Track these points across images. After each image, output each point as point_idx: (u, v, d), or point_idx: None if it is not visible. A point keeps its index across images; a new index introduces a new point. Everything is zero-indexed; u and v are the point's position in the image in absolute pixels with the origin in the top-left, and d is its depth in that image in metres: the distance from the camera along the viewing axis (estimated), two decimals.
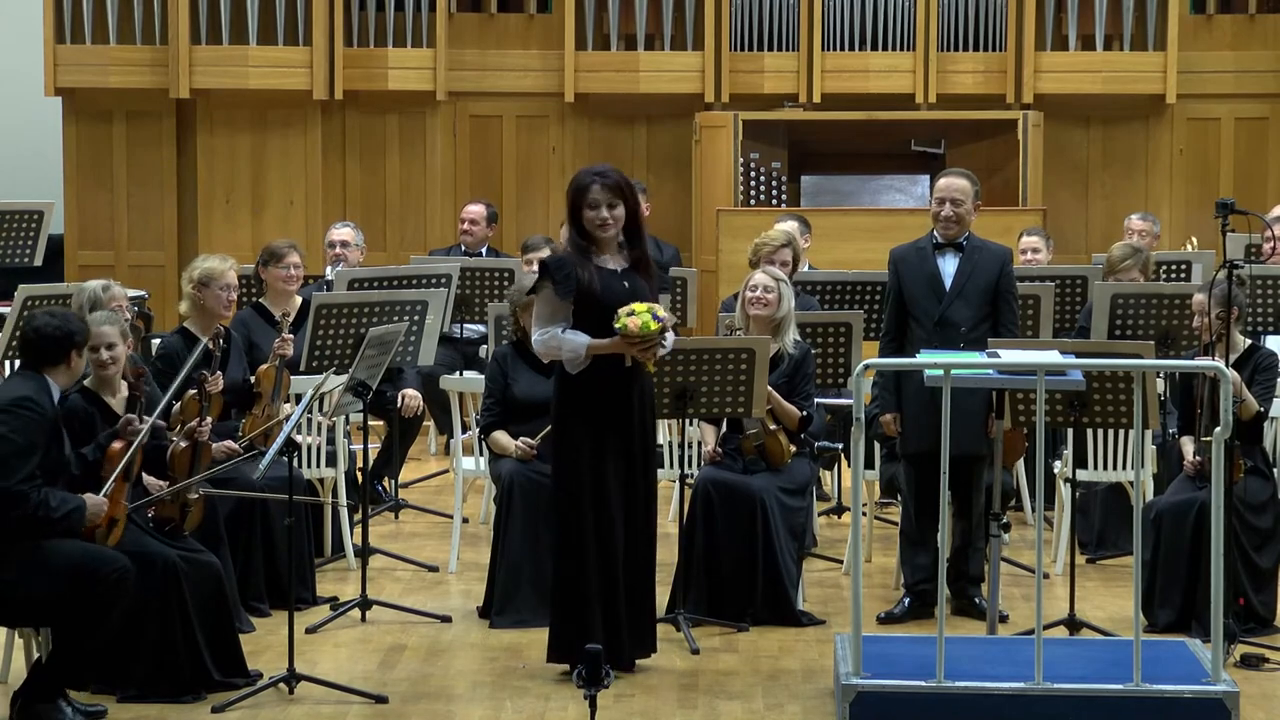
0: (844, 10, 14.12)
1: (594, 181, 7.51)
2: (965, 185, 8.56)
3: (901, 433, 8.54)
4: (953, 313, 8.46)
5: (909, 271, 8.56)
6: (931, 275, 8.51)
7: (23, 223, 11.83)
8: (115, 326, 7.56)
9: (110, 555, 6.92)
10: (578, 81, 14.25)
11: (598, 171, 7.58)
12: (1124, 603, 8.47)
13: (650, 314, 7.39)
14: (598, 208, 7.50)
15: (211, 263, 9.00)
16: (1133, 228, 12.38)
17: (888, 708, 6.91)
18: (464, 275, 11.21)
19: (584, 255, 7.53)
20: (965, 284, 8.48)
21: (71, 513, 6.88)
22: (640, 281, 7.58)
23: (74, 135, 14.28)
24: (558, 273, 7.51)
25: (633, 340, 7.41)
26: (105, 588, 6.84)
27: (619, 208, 7.53)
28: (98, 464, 7.13)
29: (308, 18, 13.92)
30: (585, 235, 7.55)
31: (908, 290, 8.54)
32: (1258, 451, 8.53)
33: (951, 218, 8.51)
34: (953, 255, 8.53)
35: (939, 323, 8.45)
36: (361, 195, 14.43)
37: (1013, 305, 8.58)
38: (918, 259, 8.57)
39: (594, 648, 6.10)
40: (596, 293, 7.46)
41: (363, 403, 8.51)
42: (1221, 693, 6.89)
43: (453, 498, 9.71)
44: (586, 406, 7.53)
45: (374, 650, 8.06)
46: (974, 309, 8.47)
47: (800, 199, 14.04)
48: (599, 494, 7.52)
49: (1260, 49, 14.42)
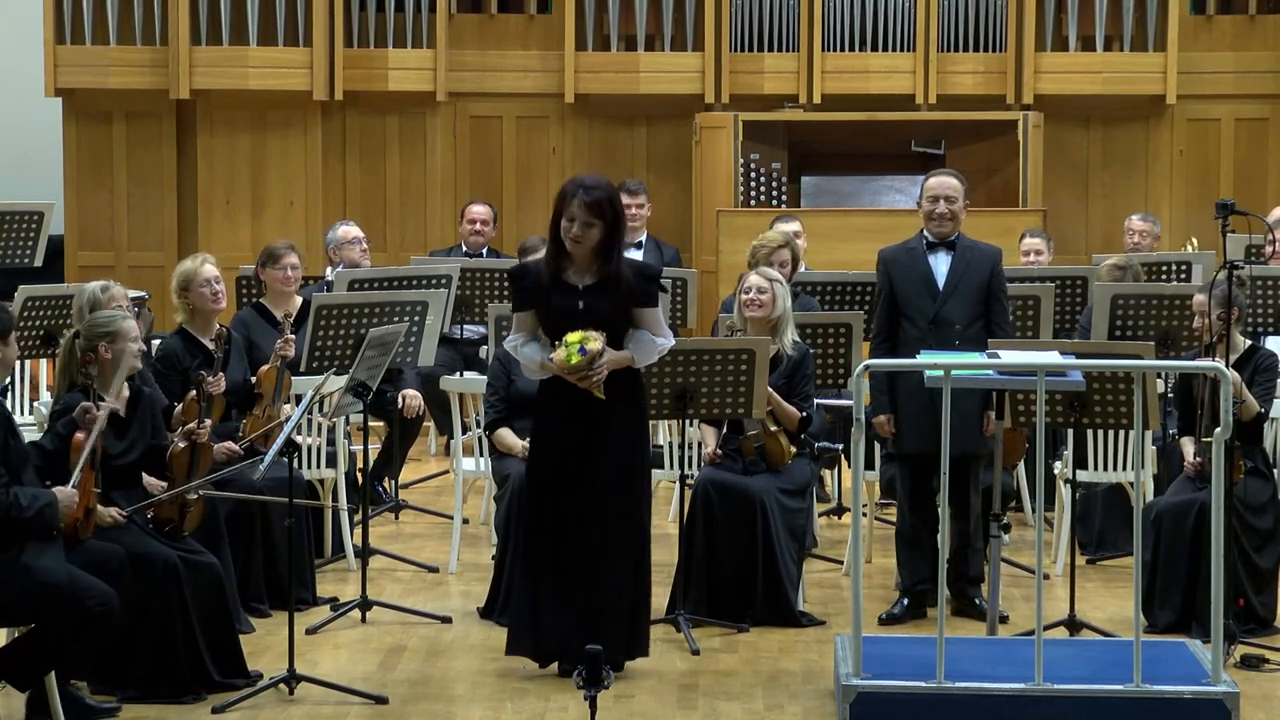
0: (844, 11, 14.12)
1: (577, 193, 7.46)
2: (957, 184, 8.63)
3: (896, 434, 8.55)
4: (948, 311, 8.49)
5: (900, 272, 8.58)
6: (924, 274, 8.53)
7: (23, 223, 11.82)
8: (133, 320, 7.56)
9: (100, 588, 6.76)
10: (578, 82, 14.25)
11: (586, 185, 7.49)
12: (1124, 603, 8.47)
13: (579, 345, 7.36)
14: (572, 220, 7.46)
15: (185, 265, 9.00)
16: (1133, 228, 12.38)
17: (888, 708, 6.91)
18: (464, 276, 11.21)
19: (554, 263, 7.52)
20: (959, 282, 8.51)
21: (44, 509, 6.73)
22: (602, 301, 7.48)
23: (74, 136, 14.28)
24: (515, 284, 7.64)
25: (564, 370, 7.42)
26: (88, 618, 6.70)
27: (595, 228, 7.43)
28: (59, 454, 7.06)
29: (308, 18, 13.92)
30: (561, 247, 7.53)
31: (900, 290, 8.56)
32: (1258, 452, 8.53)
33: (946, 215, 8.55)
34: (945, 254, 8.56)
35: (934, 321, 8.47)
36: (361, 196, 14.43)
37: (1004, 304, 8.63)
38: (909, 259, 8.59)
39: (594, 648, 6.10)
40: (550, 309, 7.49)
41: (363, 403, 8.51)
42: (1222, 693, 6.89)
43: (453, 498, 9.71)
44: (543, 409, 7.63)
45: (374, 651, 8.06)
46: (968, 307, 8.50)
47: (800, 200, 14.04)
48: (544, 490, 7.57)
49: (1260, 49, 14.42)
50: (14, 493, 6.69)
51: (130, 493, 7.53)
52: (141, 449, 7.54)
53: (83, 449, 7.01)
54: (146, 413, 7.63)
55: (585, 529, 7.53)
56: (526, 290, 7.56)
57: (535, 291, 7.52)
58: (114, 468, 7.41)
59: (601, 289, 7.49)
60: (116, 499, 7.44)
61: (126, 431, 7.53)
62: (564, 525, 7.53)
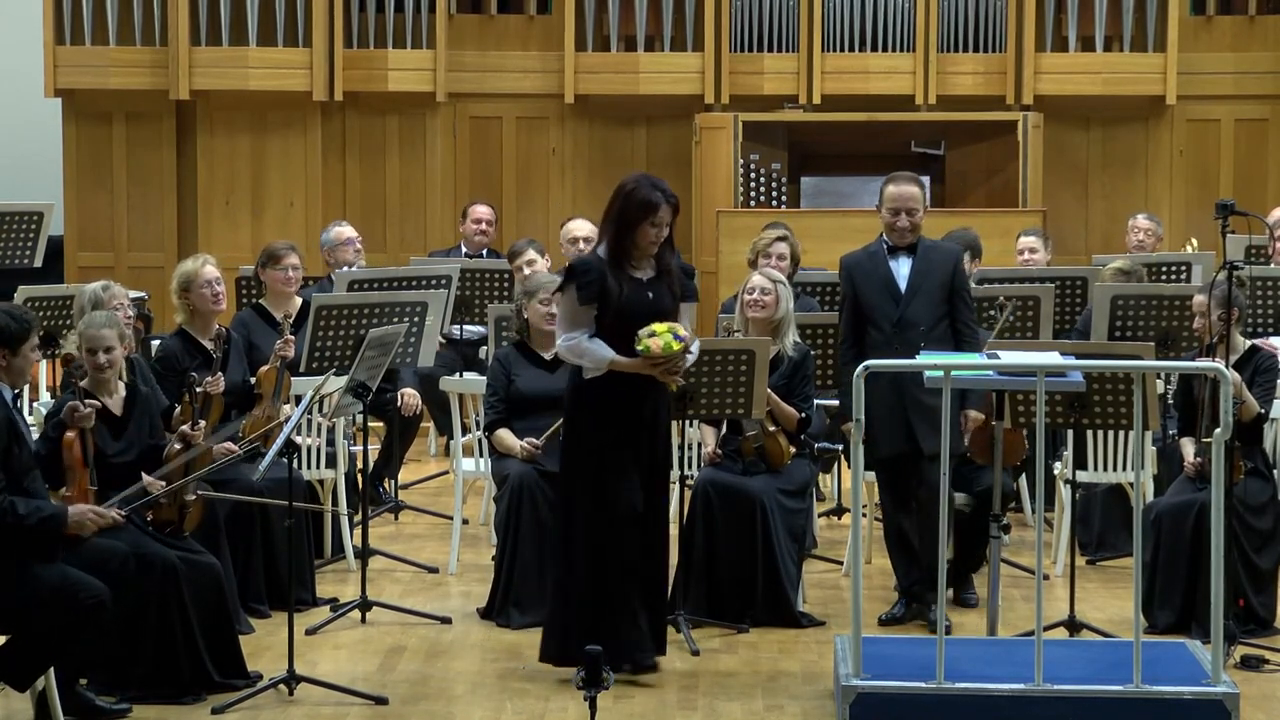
0: (844, 11, 14.12)
1: (663, 202, 7.47)
2: (918, 193, 8.48)
3: (868, 439, 8.21)
4: (911, 313, 8.39)
5: (862, 277, 8.48)
6: (886, 278, 8.43)
7: (23, 224, 11.82)
8: (113, 329, 7.55)
9: (90, 582, 6.77)
10: (578, 83, 14.25)
11: (664, 190, 7.51)
12: (1124, 604, 8.47)
13: (671, 334, 7.37)
14: (659, 226, 7.50)
15: (186, 266, 9.00)
16: (1138, 226, 12.38)
17: (888, 709, 6.91)
18: (464, 276, 11.20)
19: (617, 261, 7.50)
20: (921, 284, 8.41)
21: (47, 519, 6.74)
22: (664, 290, 7.57)
23: (74, 136, 14.28)
24: (582, 277, 7.49)
25: (655, 361, 7.41)
26: (81, 612, 6.71)
27: (668, 228, 7.56)
28: (52, 456, 7.04)
29: (308, 19, 13.93)
30: (627, 244, 7.51)
31: (864, 295, 8.46)
32: (1258, 453, 8.53)
33: (907, 228, 8.44)
34: (905, 257, 8.46)
35: (898, 324, 8.37)
36: (361, 196, 14.43)
37: (968, 302, 8.53)
38: (871, 264, 8.49)
39: (594, 649, 6.10)
40: (620, 302, 7.45)
41: (363, 404, 8.51)
42: (1221, 694, 6.89)
43: (452, 499, 9.71)
44: (598, 410, 7.52)
45: (374, 651, 8.05)
46: (931, 308, 8.40)
47: (800, 200, 14.04)
48: (605, 498, 7.50)
49: (1260, 50, 14.42)
50: (11, 501, 6.68)
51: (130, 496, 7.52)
52: (139, 449, 7.54)
53: (73, 448, 7.02)
54: (144, 412, 7.64)
55: (653, 528, 7.58)
56: (593, 284, 7.47)
57: (603, 285, 7.47)
58: (111, 466, 7.41)
59: (658, 281, 7.57)
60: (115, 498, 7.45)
61: (123, 431, 7.54)
62: (640, 524, 7.52)
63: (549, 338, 8.89)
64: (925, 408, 8.14)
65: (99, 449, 7.37)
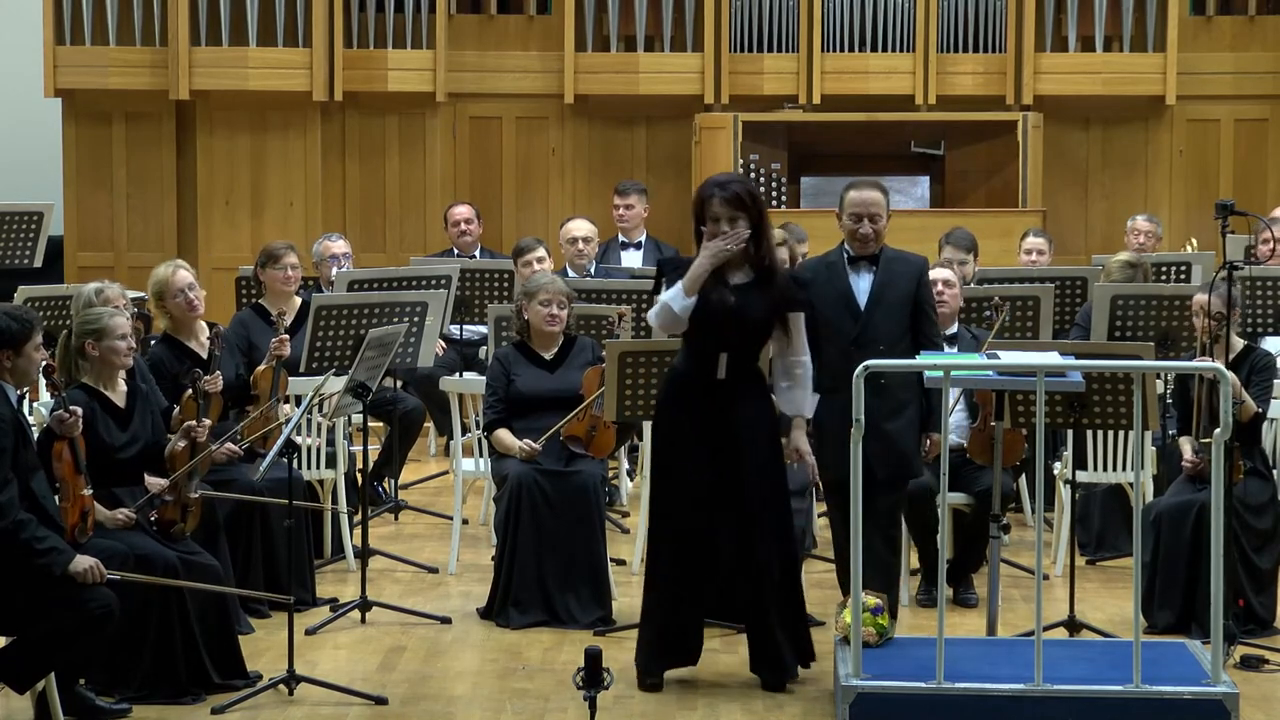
0: (844, 11, 14.12)
1: (714, 194, 7.33)
2: (881, 199, 7.97)
3: (819, 459, 7.83)
4: (870, 330, 7.87)
5: (818, 289, 7.87)
6: (844, 292, 7.91)
7: (22, 224, 11.83)
8: (123, 317, 7.57)
9: (99, 590, 6.76)
10: (577, 83, 14.25)
11: (720, 182, 7.38)
12: (1124, 604, 8.47)
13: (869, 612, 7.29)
14: (718, 221, 7.33)
15: (159, 273, 8.90)
16: (1138, 228, 12.38)
17: (887, 709, 6.91)
18: (464, 276, 11.21)
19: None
20: (882, 299, 7.90)
21: (50, 552, 6.68)
22: (755, 298, 7.35)
23: (74, 137, 14.28)
24: (673, 274, 7.42)
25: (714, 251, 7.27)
26: (89, 620, 6.71)
27: (741, 220, 7.32)
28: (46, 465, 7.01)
29: (307, 19, 13.92)
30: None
31: (820, 309, 7.82)
32: (1257, 453, 8.53)
33: (870, 235, 7.93)
34: (867, 269, 7.94)
35: (856, 342, 7.83)
36: (361, 196, 14.42)
37: (932, 317, 8.03)
38: (828, 275, 7.96)
39: (593, 648, 6.10)
40: (703, 301, 7.30)
41: (362, 404, 8.51)
42: (1221, 694, 6.89)
43: (452, 499, 9.71)
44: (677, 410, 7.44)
45: (374, 652, 8.06)
46: (892, 324, 7.88)
47: (800, 200, 14.04)
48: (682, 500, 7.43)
49: (1260, 50, 14.42)
50: (24, 521, 6.65)
51: (133, 491, 7.53)
52: (143, 444, 7.54)
53: (62, 456, 7.01)
54: (145, 406, 7.64)
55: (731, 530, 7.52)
56: (679, 276, 7.37)
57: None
58: (115, 462, 7.42)
59: (753, 287, 7.38)
60: (121, 497, 7.45)
61: (128, 424, 7.53)
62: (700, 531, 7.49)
63: (549, 338, 8.90)
64: (881, 432, 7.73)
65: (105, 442, 7.38)
